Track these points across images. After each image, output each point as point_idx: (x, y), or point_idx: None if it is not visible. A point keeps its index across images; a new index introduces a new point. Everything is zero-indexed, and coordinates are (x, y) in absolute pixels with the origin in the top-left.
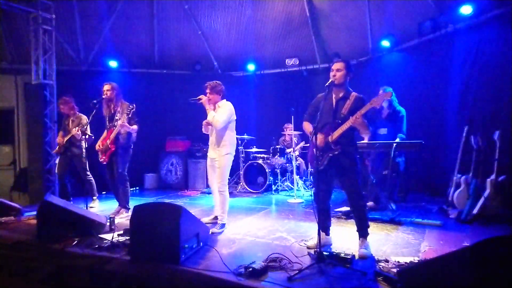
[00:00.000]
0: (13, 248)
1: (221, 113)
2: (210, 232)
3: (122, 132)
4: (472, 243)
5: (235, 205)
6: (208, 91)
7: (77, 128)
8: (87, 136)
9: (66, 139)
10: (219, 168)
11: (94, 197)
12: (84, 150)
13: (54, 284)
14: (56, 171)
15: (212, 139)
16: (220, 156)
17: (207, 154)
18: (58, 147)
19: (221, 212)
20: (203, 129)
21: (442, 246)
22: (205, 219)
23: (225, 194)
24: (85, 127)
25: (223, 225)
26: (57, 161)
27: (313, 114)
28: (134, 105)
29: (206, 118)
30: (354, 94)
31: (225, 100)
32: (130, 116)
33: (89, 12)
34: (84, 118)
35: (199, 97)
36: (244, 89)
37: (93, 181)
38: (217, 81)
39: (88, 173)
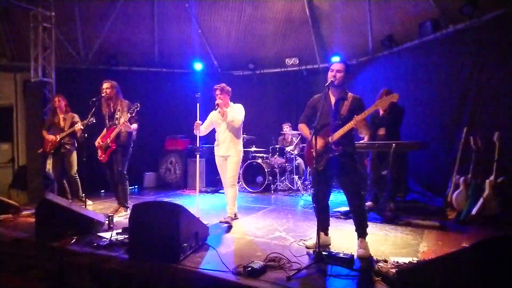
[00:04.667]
0: (12, 246)
1: (238, 113)
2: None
3: (123, 131)
4: (471, 244)
5: None
6: (218, 93)
7: (80, 123)
8: (85, 135)
9: (61, 136)
10: (234, 163)
11: (81, 195)
12: (76, 147)
13: (53, 282)
14: (52, 172)
15: (223, 137)
16: (237, 151)
17: (216, 153)
18: (50, 145)
19: (232, 205)
20: (195, 131)
21: (440, 247)
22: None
23: (236, 188)
24: (84, 125)
25: (232, 218)
26: (49, 161)
27: (310, 115)
28: (138, 104)
29: (203, 118)
30: (350, 94)
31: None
32: (133, 115)
33: (89, 10)
34: (77, 117)
35: (216, 102)
36: (244, 88)
37: (79, 180)
38: (223, 84)
39: (76, 171)
